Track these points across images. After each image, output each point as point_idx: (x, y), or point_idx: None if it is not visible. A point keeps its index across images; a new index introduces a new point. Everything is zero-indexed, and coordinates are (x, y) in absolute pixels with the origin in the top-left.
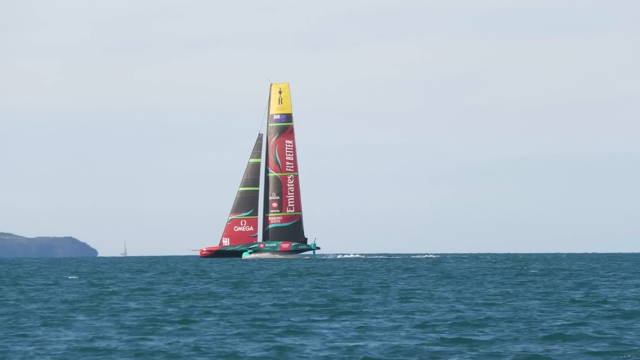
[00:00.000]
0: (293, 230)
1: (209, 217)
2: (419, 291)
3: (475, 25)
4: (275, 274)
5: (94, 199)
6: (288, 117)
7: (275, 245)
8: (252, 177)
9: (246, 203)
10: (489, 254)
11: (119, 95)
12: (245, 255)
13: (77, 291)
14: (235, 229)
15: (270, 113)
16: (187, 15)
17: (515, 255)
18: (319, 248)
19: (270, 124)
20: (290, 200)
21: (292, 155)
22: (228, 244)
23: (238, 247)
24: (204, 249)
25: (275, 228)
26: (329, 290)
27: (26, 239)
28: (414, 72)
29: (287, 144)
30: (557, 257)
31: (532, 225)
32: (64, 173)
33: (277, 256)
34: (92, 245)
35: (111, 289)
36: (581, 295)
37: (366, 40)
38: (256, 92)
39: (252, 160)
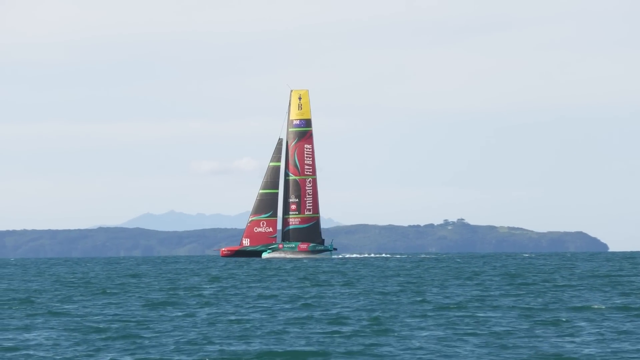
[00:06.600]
0: (311, 232)
1: None
2: None
3: None
4: None
5: (607, 195)
6: (307, 123)
7: (293, 245)
8: (271, 180)
9: (266, 205)
10: None
11: None
12: (265, 255)
13: None
14: (255, 229)
15: (290, 118)
16: None
17: None
18: (335, 249)
19: (289, 129)
20: (309, 203)
21: (310, 159)
22: (248, 244)
23: (258, 247)
24: (225, 249)
25: (294, 229)
26: None
27: (537, 233)
28: None
29: (306, 148)
30: None
31: None
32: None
33: (295, 256)
34: (603, 240)
35: None
36: None
37: None
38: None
39: (272, 163)
